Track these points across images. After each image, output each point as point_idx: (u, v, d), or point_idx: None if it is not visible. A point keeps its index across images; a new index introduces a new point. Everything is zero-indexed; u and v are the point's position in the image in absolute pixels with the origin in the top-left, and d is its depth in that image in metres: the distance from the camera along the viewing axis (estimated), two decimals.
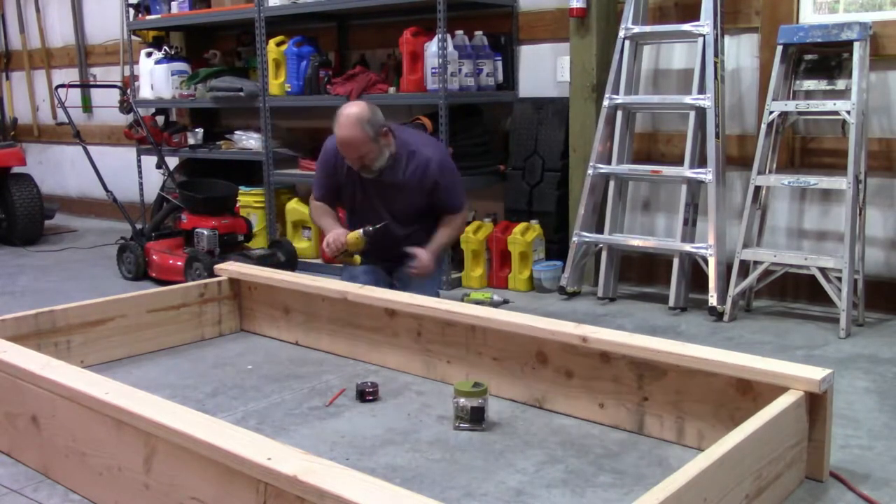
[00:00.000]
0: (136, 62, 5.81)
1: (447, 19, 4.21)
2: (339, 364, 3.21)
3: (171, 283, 3.80)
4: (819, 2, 3.91)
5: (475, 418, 2.53)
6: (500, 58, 4.60)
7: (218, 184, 4.93)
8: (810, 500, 2.11)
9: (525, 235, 4.30)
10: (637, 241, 4.02)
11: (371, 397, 2.78)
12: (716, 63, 3.77)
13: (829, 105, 3.58)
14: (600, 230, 4.13)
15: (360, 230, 3.47)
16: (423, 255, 3.48)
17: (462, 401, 2.53)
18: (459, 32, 4.43)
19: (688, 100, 3.88)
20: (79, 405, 2.15)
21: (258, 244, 5.03)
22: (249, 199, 5.29)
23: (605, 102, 4.05)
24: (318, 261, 5.03)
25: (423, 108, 4.62)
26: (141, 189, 5.87)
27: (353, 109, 3.38)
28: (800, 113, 3.74)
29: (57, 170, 7.46)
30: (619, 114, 4.08)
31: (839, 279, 3.50)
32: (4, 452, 2.45)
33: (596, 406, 2.58)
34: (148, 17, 5.71)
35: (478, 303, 3.57)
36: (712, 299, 3.74)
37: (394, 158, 3.47)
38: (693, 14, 3.87)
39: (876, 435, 2.48)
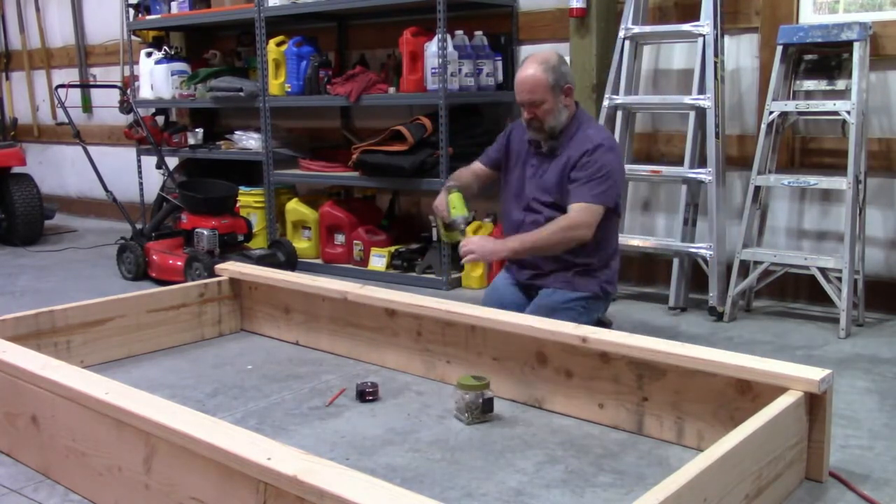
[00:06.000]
0: (136, 62, 5.81)
1: (447, 19, 4.21)
2: (339, 364, 3.21)
3: (171, 283, 3.80)
4: (819, 2, 3.91)
5: (486, 409, 2.59)
6: (500, 58, 4.61)
7: (218, 184, 4.93)
8: (810, 500, 2.11)
9: None
10: (637, 241, 4.02)
11: (371, 397, 2.78)
12: (716, 63, 3.77)
13: (829, 105, 3.58)
14: None
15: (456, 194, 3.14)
16: (475, 240, 3.10)
17: (470, 395, 2.56)
18: (459, 32, 4.43)
19: (688, 100, 3.88)
20: (79, 405, 2.15)
21: (258, 244, 5.03)
22: (249, 199, 5.29)
23: (605, 102, 4.05)
24: (318, 261, 5.04)
25: (423, 108, 4.62)
26: (141, 189, 5.87)
27: (541, 53, 3.12)
28: (800, 113, 3.74)
29: (57, 170, 7.46)
30: (619, 114, 4.08)
31: (839, 279, 3.50)
32: (4, 452, 2.45)
33: (596, 406, 2.58)
34: (148, 17, 5.71)
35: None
36: (712, 299, 3.75)
37: (567, 130, 3.10)
38: (693, 14, 3.87)
39: (876, 435, 2.48)
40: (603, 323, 3.27)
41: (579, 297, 3.10)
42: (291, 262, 4.68)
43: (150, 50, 5.72)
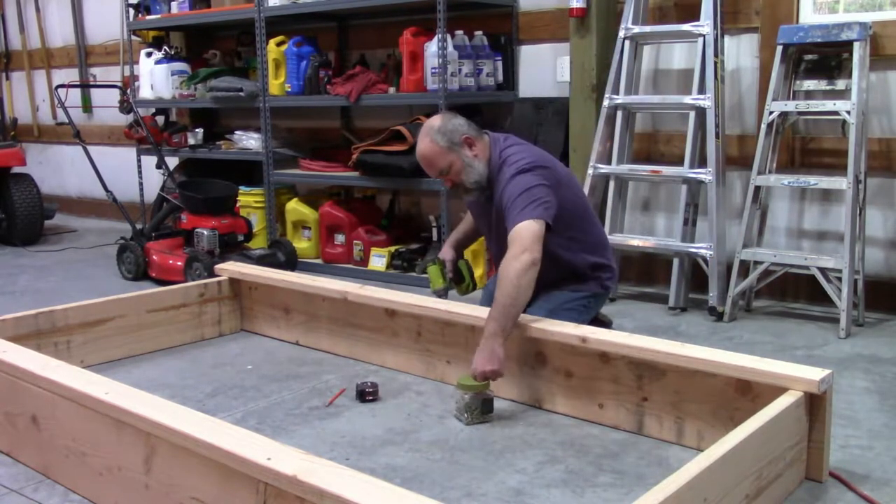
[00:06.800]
0: (136, 62, 5.81)
1: (447, 19, 4.21)
2: (339, 364, 3.21)
3: (171, 283, 3.80)
4: (819, 2, 3.91)
5: (486, 409, 2.58)
6: (500, 58, 4.61)
7: (218, 184, 4.93)
8: (810, 500, 2.11)
9: None
10: (637, 241, 4.02)
11: (371, 397, 2.78)
12: (716, 63, 3.77)
13: (829, 105, 3.58)
14: None
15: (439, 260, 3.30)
16: (494, 364, 2.57)
17: (470, 395, 2.56)
18: (459, 32, 4.43)
19: (688, 100, 3.88)
20: (79, 405, 2.15)
21: (258, 244, 5.03)
22: (249, 199, 5.29)
23: (605, 102, 4.05)
24: (318, 261, 5.04)
25: (423, 108, 4.62)
26: (141, 189, 5.87)
27: (426, 123, 3.00)
28: (800, 113, 3.74)
29: (57, 170, 7.46)
30: (619, 114, 4.08)
31: (839, 279, 3.50)
32: (4, 452, 2.45)
33: (595, 406, 2.58)
34: (148, 17, 5.71)
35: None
36: (712, 299, 3.75)
37: (493, 174, 2.95)
38: (693, 14, 3.87)
39: (876, 435, 2.48)
40: (602, 322, 3.27)
41: (581, 297, 3.09)
42: (291, 262, 4.68)
43: (150, 50, 5.72)
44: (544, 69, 4.60)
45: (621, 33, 4.02)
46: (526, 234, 2.69)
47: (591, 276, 3.11)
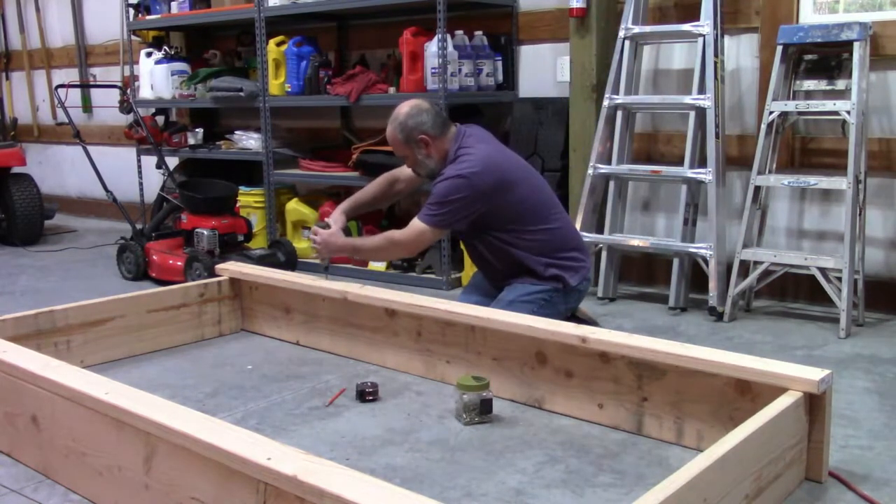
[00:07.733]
0: (136, 62, 5.81)
1: (447, 19, 4.21)
2: (339, 364, 3.21)
3: (171, 283, 3.80)
4: (819, 2, 3.91)
5: (485, 410, 2.58)
6: (500, 58, 4.61)
7: (218, 184, 4.93)
8: (810, 500, 2.11)
9: None
10: (637, 241, 4.02)
11: (371, 397, 2.78)
12: (716, 63, 3.77)
13: (829, 105, 3.58)
14: (600, 230, 4.13)
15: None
16: (325, 235, 3.27)
17: (468, 396, 2.56)
18: (459, 32, 4.43)
19: (688, 100, 3.88)
20: (79, 405, 2.15)
21: (258, 244, 5.03)
22: (249, 199, 5.29)
23: (605, 102, 4.05)
24: (319, 261, 5.03)
25: None
26: (141, 189, 5.87)
27: (402, 105, 3.20)
28: (800, 113, 3.74)
29: (57, 170, 7.46)
30: (619, 114, 4.08)
31: (839, 279, 3.50)
32: (4, 452, 2.45)
33: (595, 406, 2.58)
34: (148, 17, 5.71)
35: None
36: (712, 299, 3.75)
37: (445, 166, 3.16)
38: (693, 14, 3.87)
39: (876, 435, 2.48)
40: (581, 320, 3.26)
41: (540, 290, 3.12)
42: (291, 262, 4.67)
43: (150, 50, 5.72)
44: (544, 69, 4.60)
45: (621, 33, 4.02)
46: (414, 235, 3.12)
47: (545, 273, 3.14)
